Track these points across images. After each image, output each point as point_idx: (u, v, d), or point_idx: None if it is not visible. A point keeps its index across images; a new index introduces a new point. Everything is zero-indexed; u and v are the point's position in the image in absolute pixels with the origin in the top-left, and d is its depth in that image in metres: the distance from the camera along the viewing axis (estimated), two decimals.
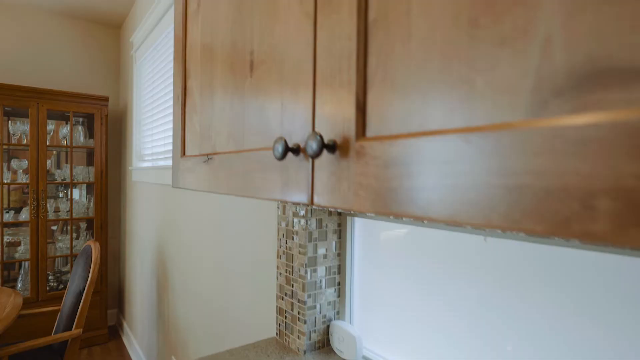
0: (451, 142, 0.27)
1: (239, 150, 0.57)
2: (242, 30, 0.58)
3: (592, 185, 0.20)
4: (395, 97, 0.33)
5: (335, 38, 0.38)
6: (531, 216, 0.22)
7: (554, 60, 0.23)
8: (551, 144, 0.22)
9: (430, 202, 0.28)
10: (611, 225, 0.19)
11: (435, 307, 0.78)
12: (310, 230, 0.95)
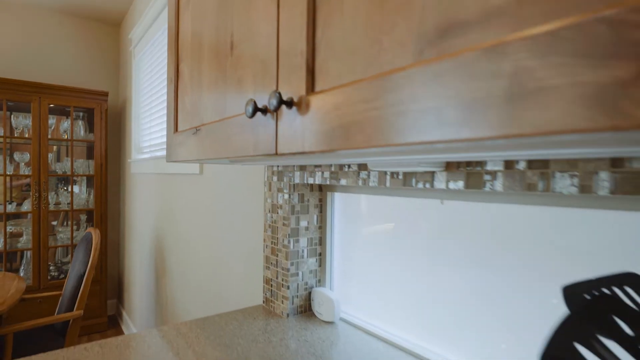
0: (369, 86, 0.36)
1: (221, 119, 0.66)
2: (225, 16, 0.67)
3: (445, 100, 0.29)
4: (334, 58, 0.42)
5: (292, 16, 0.47)
6: (415, 127, 0.32)
7: (426, 21, 0.32)
8: (426, 77, 0.31)
9: (358, 133, 0.38)
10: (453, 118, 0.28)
11: (403, 272, 0.87)
12: (293, 204, 1.04)
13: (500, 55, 0.26)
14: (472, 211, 0.73)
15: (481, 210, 0.71)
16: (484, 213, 0.71)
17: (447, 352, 0.77)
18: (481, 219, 0.71)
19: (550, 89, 0.23)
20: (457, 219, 0.76)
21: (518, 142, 0.28)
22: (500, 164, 0.56)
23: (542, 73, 0.23)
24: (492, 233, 0.70)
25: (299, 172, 0.99)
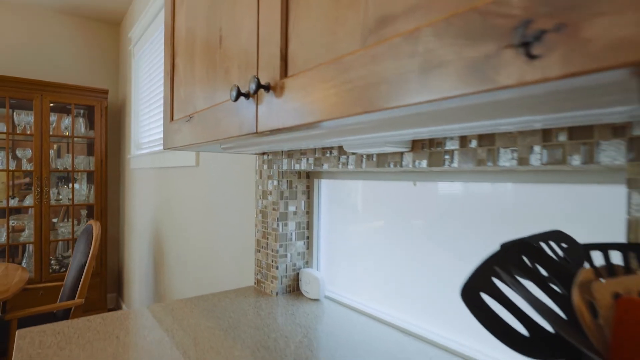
0: (327, 69, 0.43)
1: (211, 106, 0.73)
2: (214, 13, 0.75)
3: (380, 77, 0.36)
4: (302, 47, 0.49)
5: (269, 13, 0.55)
6: (360, 100, 0.39)
7: (369, 15, 0.39)
8: (367, 59, 0.38)
9: (320, 109, 0.45)
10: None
11: (382, 251, 0.94)
12: (281, 190, 1.11)
13: (416, 39, 0.33)
14: (441, 191, 0.80)
15: (448, 189, 0.79)
16: (451, 192, 0.78)
17: (421, 322, 0.84)
18: (450, 198, 0.78)
19: (446, 63, 0.30)
20: (429, 199, 0.83)
21: (435, 107, 0.35)
22: (456, 143, 0.64)
23: (441, 51, 0.31)
24: (459, 211, 0.77)
25: (286, 159, 1.07)
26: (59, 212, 3.18)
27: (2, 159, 2.79)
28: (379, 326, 0.89)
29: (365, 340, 0.81)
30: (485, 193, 0.72)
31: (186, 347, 0.77)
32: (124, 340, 0.80)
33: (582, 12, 0.23)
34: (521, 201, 0.66)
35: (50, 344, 0.78)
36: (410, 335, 0.84)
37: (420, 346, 0.79)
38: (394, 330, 0.87)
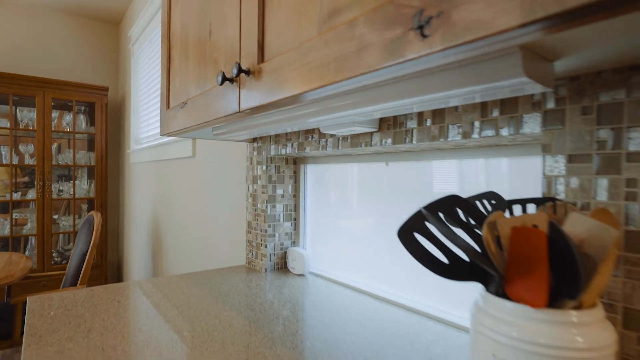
0: (292, 53, 0.53)
1: (202, 92, 0.82)
2: (205, 10, 0.84)
3: (331, 58, 0.46)
4: (274, 36, 0.58)
5: (249, 8, 0.64)
6: (316, 77, 0.48)
7: (324, 8, 0.48)
8: (321, 43, 0.47)
9: (287, 87, 0.54)
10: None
11: (361, 228, 1.04)
12: (270, 174, 1.21)
13: (354, 26, 0.42)
14: (410, 170, 0.89)
15: (415, 168, 0.88)
16: (417, 170, 0.87)
17: (393, 289, 0.93)
18: (418, 176, 0.88)
19: (373, 43, 0.40)
20: (400, 177, 0.92)
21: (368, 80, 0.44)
22: (414, 123, 0.73)
23: (369, 35, 0.40)
24: (422, 188, 0.86)
25: (273, 145, 1.16)
26: (59, 207, 3.27)
27: (6, 153, 2.88)
28: (357, 295, 0.98)
29: (344, 305, 0.91)
30: (446, 168, 0.81)
31: (181, 308, 0.86)
32: (125, 303, 0.89)
33: (452, 2, 0.32)
34: (473, 174, 0.75)
35: (58, 306, 0.87)
36: (383, 301, 0.93)
37: (390, 309, 0.88)
38: (370, 298, 0.96)
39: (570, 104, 0.51)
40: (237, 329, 0.75)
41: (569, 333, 0.38)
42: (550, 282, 0.40)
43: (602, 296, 0.48)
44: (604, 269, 0.37)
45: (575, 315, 0.38)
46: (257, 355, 0.63)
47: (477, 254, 0.44)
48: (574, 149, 0.50)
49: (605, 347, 0.38)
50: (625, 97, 0.46)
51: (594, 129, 0.49)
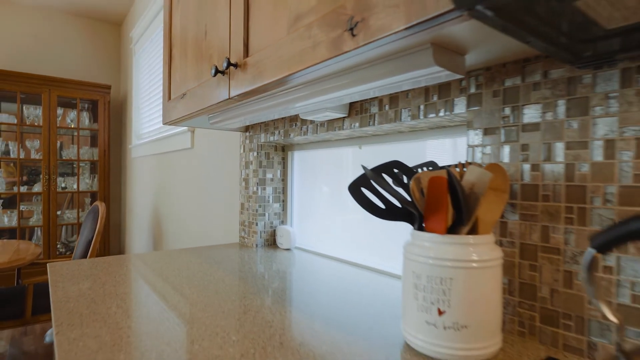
0: (269, 48, 0.67)
1: (199, 84, 0.97)
2: (201, 14, 0.98)
3: (296, 51, 0.60)
4: (256, 36, 0.73)
5: (237, 12, 0.78)
6: (285, 66, 0.62)
7: (292, 14, 0.63)
8: (288, 41, 0.62)
9: (264, 75, 0.68)
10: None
11: (340, 207, 1.18)
12: (260, 160, 1.35)
13: (310, 28, 0.56)
14: (379, 152, 1.03)
15: (383, 150, 1.02)
16: (385, 152, 1.01)
17: (366, 256, 1.07)
18: (385, 157, 1.02)
19: (323, 41, 0.54)
20: (371, 159, 1.06)
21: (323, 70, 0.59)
22: (376, 108, 0.87)
23: (320, 35, 0.54)
24: None
25: (263, 134, 1.30)
26: (62, 203, 3.41)
27: (13, 148, 3.01)
28: (336, 263, 1.12)
29: (324, 271, 1.05)
30: (407, 149, 0.95)
31: (181, 269, 1.00)
32: (132, 267, 1.04)
33: (369, 12, 0.46)
34: (427, 151, 0.90)
35: (74, 269, 1.01)
36: (358, 266, 1.07)
37: (363, 272, 1.02)
38: (347, 265, 1.10)
39: (485, 88, 0.65)
40: (228, 283, 0.89)
41: (466, 251, 0.52)
42: (453, 215, 0.55)
43: (506, 235, 0.62)
44: (484, 201, 0.52)
45: (471, 238, 0.53)
46: (245, 299, 0.78)
47: (406, 201, 0.58)
48: (488, 124, 0.65)
49: (492, 260, 0.52)
50: (521, 82, 0.60)
51: (501, 108, 0.63)
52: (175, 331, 0.61)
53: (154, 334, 0.59)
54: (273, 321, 0.66)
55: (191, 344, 0.57)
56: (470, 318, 0.51)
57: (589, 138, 0.53)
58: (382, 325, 0.65)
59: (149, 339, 0.57)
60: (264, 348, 0.55)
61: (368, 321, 0.67)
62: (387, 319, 0.68)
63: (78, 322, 0.63)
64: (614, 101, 0.51)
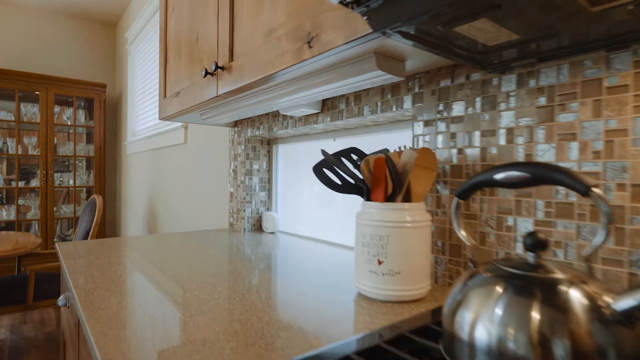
0: (248, 54, 0.81)
1: (191, 84, 1.11)
2: (193, 21, 1.12)
3: (270, 58, 0.74)
4: (239, 43, 0.87)
5: (223, 21, 0.92)
6: (259, 69, 0.77)
7: (265, 26, 0.77)
8: (263, 50, 0.76)
9: (245, 76, 0.83)
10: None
11: (317, 195, 1.32)
12: (247, 152, 1.49)
13: (279, 40, 0.71)
14: (351, 144, 1.18)
15: (354, 142, 1.16)
16: (356, 144, 1.16)
17: (339, 236, 1.22)
18: None
19: (288, 50, 0.68)
20: None
21: (290, 74, 0.73)
22: (344, 105, 1.01)
23: (287, 45, 0.69)
24: None
25: (250, 128, 1.44)
26: (58, 198, 3.51)
27: (11, 144, 3.11)
28: (314, 242, 1.27)
29: (303, 248, 1.19)
30: (372, 141, 1.10)
31: (176, 246, 1.14)
32: (131, 245, 1.17)
33: (321, 30, 0.61)
34: (388, 143, 1.04)
35: (80, 247, 1.14)
36: (333, 245, 1.22)
37: (336, 249, 1.17)
38: (324, 244, 1.24)
39: (425, 88, 0.80)
40: (218, 257, 1.03)
41: (402, 214, 0.67)
42: (390, 187, 0.69)
43: (440, 207, 0.77)
44: (413, 176, 0.66)
45: (406, 205, 0.67)
46: (231, 265, 0.92)
47: (358, 178, 0.73)
48: (427, 117, 0.80)
49: (422, 222, 0.67)
50: (451, 83, 0.75)
51: (437, 104, 0.78)
52: (172, 285, 0.75)
53: (154, 285, 0.73)
54: (255, 281, 0.80)
55: (184, 291, 0.71)
56: (402, 266, 0.66)
57: (496, 127, 0.68)
58: (344, 282, 0.80)
59: (150, 290, 0.72)
60: (243, 295, 0.70)
61: (334, 281, 0.81)
62: (349, 279, 0.83)
63: (91, 281, 0.77)
64: (513, 98, 0.66)
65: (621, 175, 0.54)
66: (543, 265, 0.39)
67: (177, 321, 0.57)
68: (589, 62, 0.57)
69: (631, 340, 0.34)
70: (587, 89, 0.57)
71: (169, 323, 0.56)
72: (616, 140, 0.54)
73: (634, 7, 0.42)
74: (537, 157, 0.63)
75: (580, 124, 0.58)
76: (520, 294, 0.37)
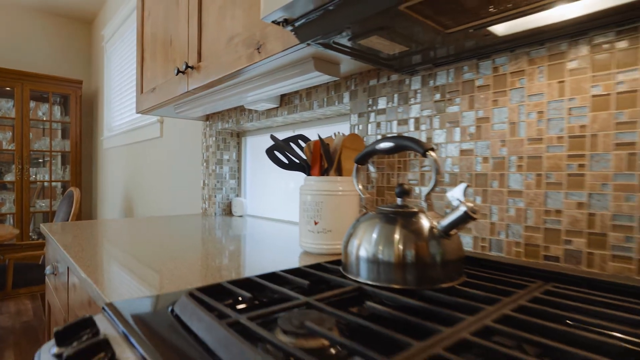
0: (213, 55, 0.98)
1: (166, 81, 1.26)
2: (167, 24, 1.27)
3: (231, 60, 0.91)
4: (205, 45, 1.03)
5: (193, 26, 1.08)
6: (224, 68, 0.94)
7: (227, 33, 0.94)
8: (226, 53, 0.93)
9: (209, 75, 0.99)
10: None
11: (278, 181, 1.49)
12: (218, 143, 1.64)
13: (237, 45, 0.88)
14: (308, 134, 1.35)
15: (309, 133, 1.34)
16: (312, 135, 1.33)
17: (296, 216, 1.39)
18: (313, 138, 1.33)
19: (243, 54, 0.85)
20: None
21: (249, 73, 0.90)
22: (297, 100, 1.19)
23: (242, 50, 0.86)
24: None
25: (220, 122, 1.60)
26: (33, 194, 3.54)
27: None
28: (277, 223, 1.44)
29: (267, 227, 1.36)
30: (327, 132, 1.28)
31: (150, 226, 1.29)
32: (111, 225, 1.31)
33: (267, 39, 0.78)
34: None
35: (63, 226, 1.27)
36: (294, 224, 1.39)
37: (296, 227, 1.34)
38: (286, 224, 1.41)
39: (359, 86, 0.98)
40: (191, 235, 1.19)
41: (335, 185, 0.84)
42: (325, 164, 0.87)
43: (370, 182, 0.96)
44: (343, 156, 0.85)
45: (338, 178, 0.85)
46: (203, 239, 1.08)
47: (302, 158, 0.90)
48: (360, 110, 0.98)
49: (349, 191, 0.85)
50: (377, 82, 0.94)
51: (367, 99, 0.96)
52: (148, 250, 0.91)
53: (134, 251, 0.89)
54: (224, 246, 0.96)
55: (159, 256, 0.87)
56: (333, 225, 0.83)
57: (408, 117, 0.87)
58: (295, 247, 0.97)
59: (131, 255, 0.87)
60: (214, 256, 0.86)
61: (288, 246, 0.99)
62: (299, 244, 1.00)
63: (79, 248, 0.92)
64: (419, 95, 0.85)
65: (486, 151, 0.73)
66: (406, 205, 0.58)
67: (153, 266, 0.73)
68: (467, 68, 0.76)
69: (449, 245, 0.53)
70: (465, 88, 0.77)
71: (142, 271, 0.72)
72: (482, 125, 0.74)
73: (473, 30, 0.61)
74: (434, 139, 0.82)
75: (461, 114, 0.77)
76: (388, 223, 0.55)
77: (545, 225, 0.66)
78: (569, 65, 0.63)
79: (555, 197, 0.64)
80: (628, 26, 0.57)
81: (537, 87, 0.67)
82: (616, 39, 0.58)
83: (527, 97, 0.68)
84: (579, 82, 0.62)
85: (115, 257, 0.79)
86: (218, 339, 0.36)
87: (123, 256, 0.80)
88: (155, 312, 0.46)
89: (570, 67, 0.63)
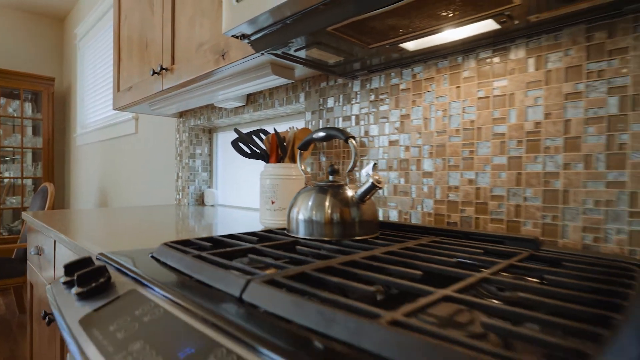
0: (185, 58, 1.12)
1: (141, 81, 1.39)
2: (143, 28, 1.40)
3: (199, 63, 1.06)
4: (178, 48, 1.17)
5: (167, 31, 1.22)
6: (193, 70, 1.08)
7: (197, 39, 1.08)
8: (196, 57, 1.08)
9: (182, 76, 1.13)
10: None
11: (248, 173, 1.64)
12: (191, 139, 1.77)
13: (205, 51, 1.03)
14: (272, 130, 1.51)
15: None
16: None
17: None
18: None
19: (211, 59, 1.00)
20: None
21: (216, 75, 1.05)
22: (261, 99, 1.34)
23: (210, 56, 1.01)
24: None
25: (192, 119, 1.73)
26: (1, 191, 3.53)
27: None
28: (245, 210, 1.59)
29: (236, 215, 1.51)
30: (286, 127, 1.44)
31: (128, 215, 1.41)
32: (88, 214, 1.43)
33: (229, 48, 0.94)
34: None
35: (43, 214, 1.38)
36: (257, 210, 1.54)
37: None
38: (253, 211, 1.56)
39: (312, 88, 1.15)
40: (165, 222, 1.32)
41: (289, 170, 1.01)
42: (280, 153, 1.04)
43: (320, 169, 1.12)
44: (293, 146, 1.01)
45: (292, 165, 1.01)
46: (179, 226, 1.22)
47: (262, 149, 1.06)
48: (313, 109, 1.15)
49: (300, 175, 1.02)
50: (326, 85, 1.11)
51: (319, 99, 1.13)
52: (126, 234, 1.04)
53: (112, 231, 1.02)
54: (195, 228, 1.11)
55: (137, 235, 1.00)
56: (286, 203, 1.00)
57: (350, 114, 1.04)
58: (257, 225, 1.13)
59: (110, 232, 1.01)
60: (187, 234, 1.01)
61: (251, 225, 1.14)
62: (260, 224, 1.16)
63: (64, 228, 1.04)
64: (359, 95, 1.02)
65: (407, 142, 0.92)
66: (336, 181, 0.75)
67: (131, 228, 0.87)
68: (393, 74, 0.94)
69: (364, 209, 0.70)
70: (392, 90, 0.95)
71: (123, 237, 0.86)
72: (405, 121, 0.92)
73: (389, 46, 0.79)
74: (370, 133, 1.00)
75: (390, 111, 0.95)
76: (320, 193, 0.72)
77: (448, 198, 0.84)
78: (463, 74, 0.82)
79: (455, 177, 0.83)
80: (499, 46, 0.76)
81: (442, 90, 0.85)
82: (492, 55, 0.77)
83: (436, 98, 0.86)
84: (469, 87, 0.81)
85: (97, 233, 0.93)
86: (186, 265, 0.52)
87: (103, 232, 0.93)
88: (138, 257, 0.61)
89: (464, 75, 0.82)
